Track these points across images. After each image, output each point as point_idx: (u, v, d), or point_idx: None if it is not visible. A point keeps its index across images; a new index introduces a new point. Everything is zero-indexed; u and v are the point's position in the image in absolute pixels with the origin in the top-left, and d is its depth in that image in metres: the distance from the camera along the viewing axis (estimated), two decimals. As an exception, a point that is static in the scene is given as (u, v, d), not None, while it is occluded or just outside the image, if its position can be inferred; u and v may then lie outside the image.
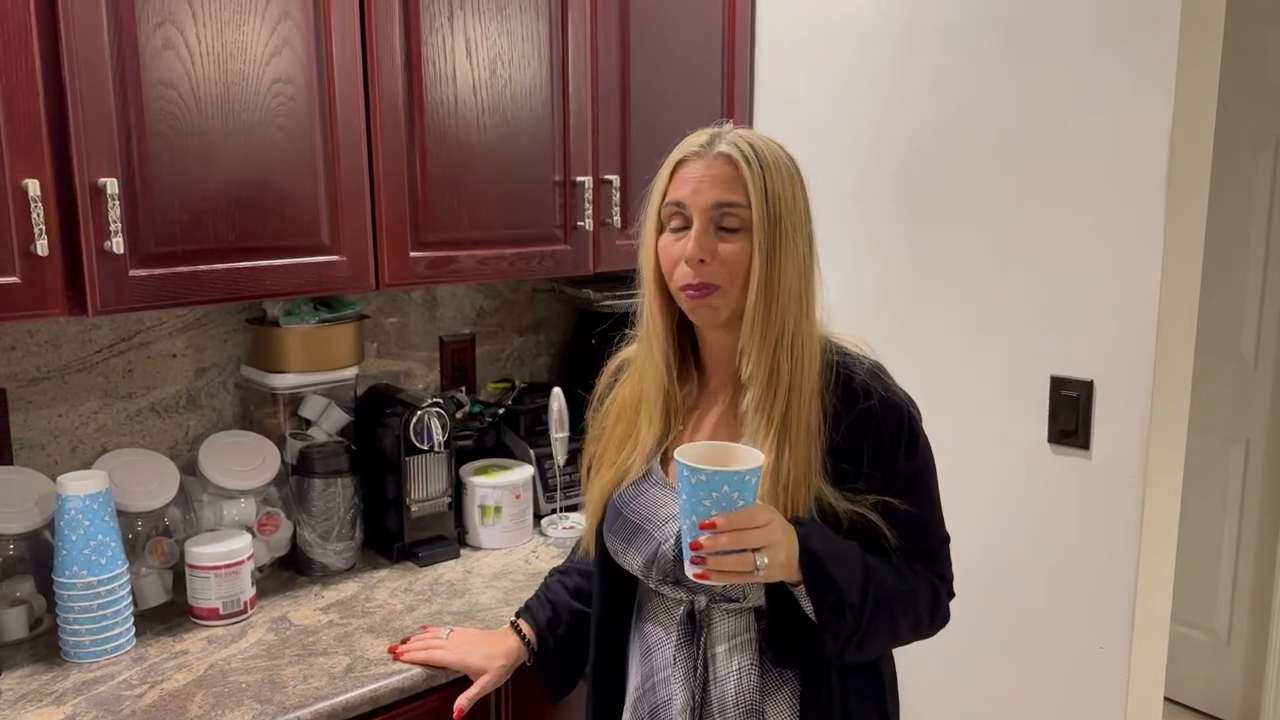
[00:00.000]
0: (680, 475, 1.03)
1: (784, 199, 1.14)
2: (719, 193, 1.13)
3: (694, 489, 1.02)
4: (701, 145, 1.16)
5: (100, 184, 1.30)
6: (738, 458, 1.06)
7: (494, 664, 1.39)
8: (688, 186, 1.15)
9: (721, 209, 1.13)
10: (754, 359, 1.14)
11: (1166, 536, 1.75)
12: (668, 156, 1.20)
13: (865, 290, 2.02)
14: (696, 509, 1.02)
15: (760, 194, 1.12)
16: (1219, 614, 3.05)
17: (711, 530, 1.01)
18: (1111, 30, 1.63)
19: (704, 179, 1.14)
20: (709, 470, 1.01)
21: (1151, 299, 1.62)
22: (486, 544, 1.88)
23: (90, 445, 1.68)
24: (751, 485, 1.03)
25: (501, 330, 2.21)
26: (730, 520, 1.01)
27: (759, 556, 1.03)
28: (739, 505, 1.02)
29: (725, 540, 1.02)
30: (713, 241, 1.14)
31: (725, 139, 1.16)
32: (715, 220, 1.14)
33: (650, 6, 1.95)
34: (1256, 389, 2.90)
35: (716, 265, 1.13)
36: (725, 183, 1.13)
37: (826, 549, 1.09)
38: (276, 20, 1.46)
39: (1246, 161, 2.83)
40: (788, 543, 1.06)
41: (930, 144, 1.90)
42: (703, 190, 1.14)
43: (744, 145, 1.14)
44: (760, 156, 1.14)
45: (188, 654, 1.45)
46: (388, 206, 1.61)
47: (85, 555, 1.41)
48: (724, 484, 1.01)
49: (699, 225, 1.14)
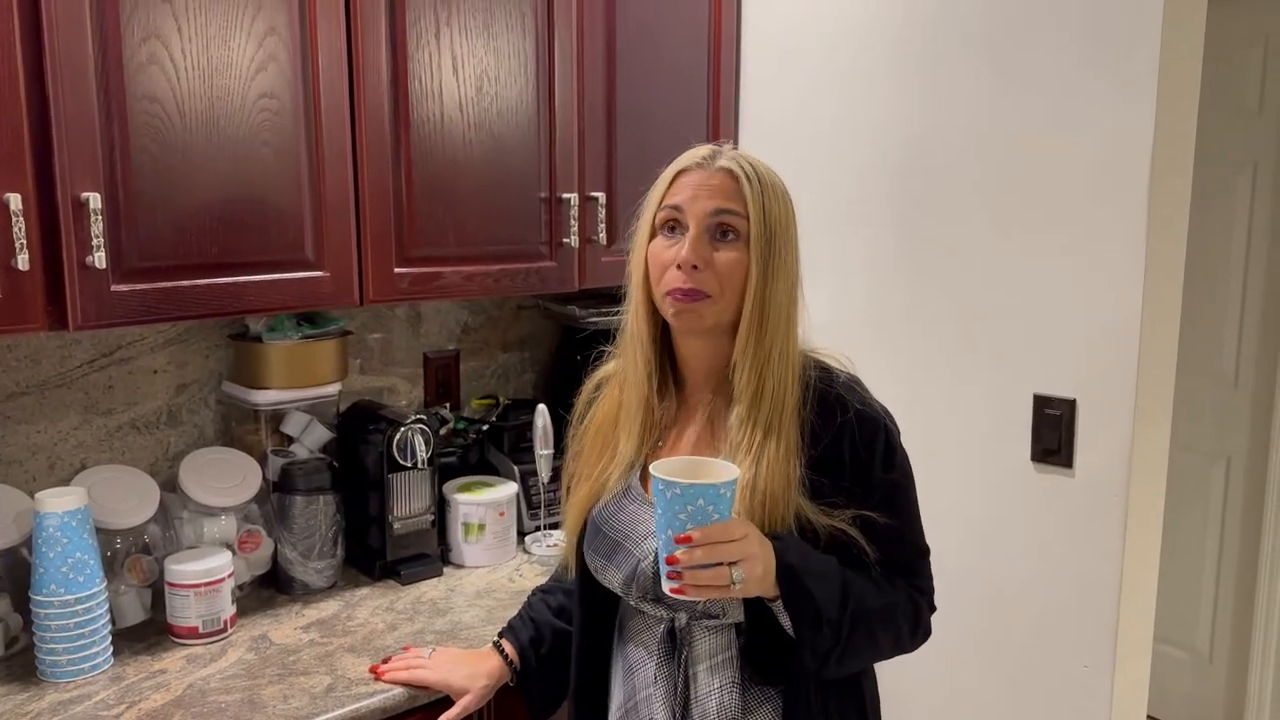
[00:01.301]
0: (656, 489, 1.03)
1: (780, 220, 1.16)
2: (718, 200, 1.15)
3: (669, 503, 1.02)
4: (704, 158, 1.18)
5: (83, 198, 1.29)
6: (713, 471, 1.06)
7: (476, 684, 1.37)
8: (686, 192, 1.16)
9: (719, 216, 1.14)
10: (745, 374, 1.15)
11: (1149, 555, 1.75)
12: (666, 167, 1.21)
13: (849, 308, 2.02)
14: (672, 523, 1.02)
15: (759, 210, 1.15)
16: (1201, 632, 3.06)
17: (687, 545, 1.01)
18: (1094, 50, 1.65)
19: (704, 187, 1.16)
20: (683, 484, 1.01)
21: (1133, 317, 1.63)
22: (470, 562, 1.87)
23: (69, 462, 1.66)
24: (727, 499, 1.03)
25: (486, 347, 2.21)
26: (706, 534, 1.01)
27: (735, 570, 1.02)
28: (714, 519, 1.02)
29: (700, 554, 1.01)
30: (708, 249, 1.14)
31: (726, 155, 1.18)
32: (711, 229, 1.15)
33: (636, 25, 1.96)
34: (1237, 407, 2.92)
35: (709, 273, 1.14)
36: (725, 193, 1.15)
37: (804, 563, 1.09)
38: (262, 36, 1.45)
39: (1225, 182, 2.86)
40: (764, 556, 1.06)
41: (914, 164, 1.91)
42: (701, 197, 1.15)
43: (744, 163, 1.17)
44: (760, 175, 1.17)
45: (166, 673, 1.44)
46: (372, 222, 1.61)
47: (63, 573, 1.40)
48: (699, 497, 1.01)
49: (695, 231, 1.15)
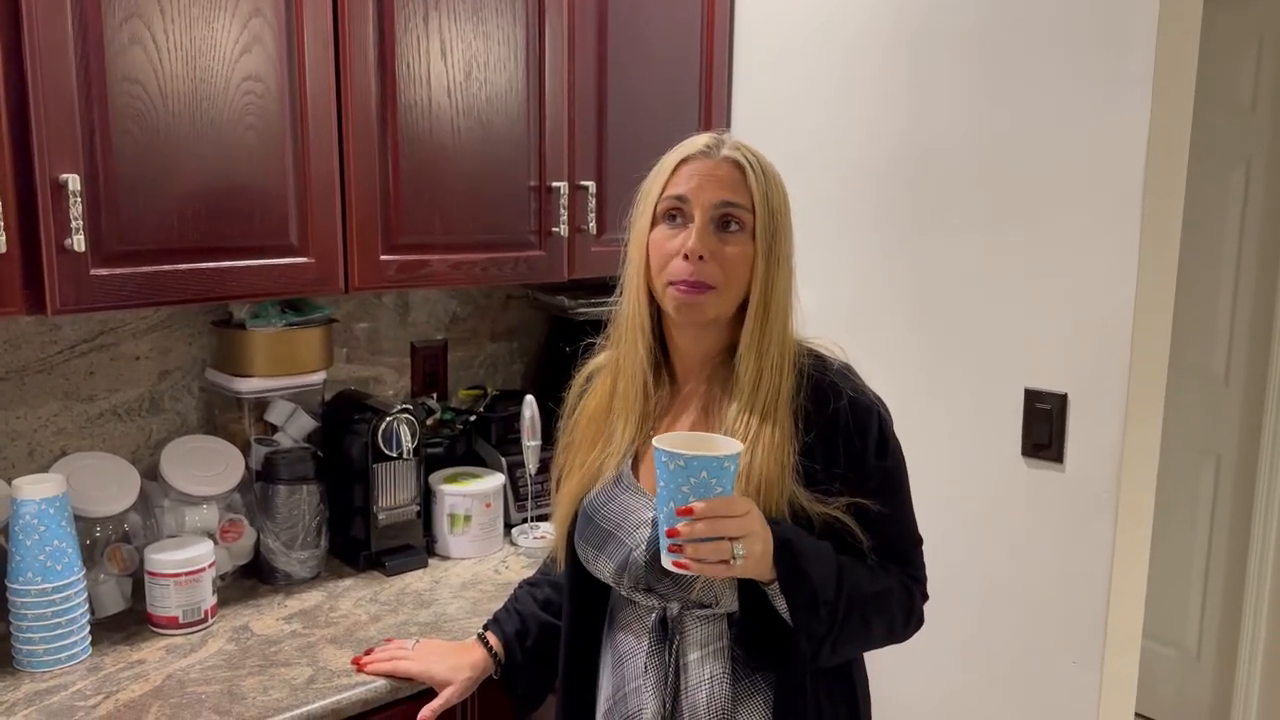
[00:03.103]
0: (658, 462, 1.03)
1: (780, 212, 1.16)
2: (725, 192, 1.14)
3: (672, 475, 1.01)
4: (707, 146, 1.17)
5: (61, 180, 1.27)
6: (716, 445, 1.06)
7: (459, 676, 1.36)
8: (692, 182, 1.15)
9: (725, 208, 1.14)
10: (750, 363, 1.15)
11: (1139, 550, 1.75)
12: (665, 155, 1.19)
13: (841, 302, 2.01)
14: (674, 495, 1.02)
15: (764, 202, 1.14)
16: (1189, 629, 3.06)
17: (689, 517, 1.00)
18: (1088, 48, 1.63)
19: (710, 177, 1.14)
20: (688, 455, 1.01)
21: (1126, 313, 1.62)
22: (455, 553, 1.85)
23: (49, 449, 1.64)
24: (730, 472, 1.03)
25: (475, 336, 2.19)
26: (709, 507, 1.01)
27: (736, 546, 1.02)
28: (717, 492, 1.02)
29: (702, 527, 1.01)
30: (714, 239, 1.14)
31: (729, 144, 1.17)
32: (716, 219, 1.14)
33: (629, 13, 1.94)
34: (1227, 405, 2.92)
35: (714, 264, 1.13)
36: (730, 184, 1.14)
37: (801, 546, 1.09)
38: (247, 17, 1.43)
39: (1219, 178, 2.86)
40: (764, 536, 1.05)
41: (906, 159, 1.90)
42: (708, 187, 1.14)
43: (748, 153, 1.16)
44: (763, 166, 1.16)
45: (145, 663, 1.42)
46: (358, 208, 1.58)
47: (40, 561, 1.38)
48: (702, 469, 1.01)
49: (700, 221, 1.14)
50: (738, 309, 1.17)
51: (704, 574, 1.05)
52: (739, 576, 1.09)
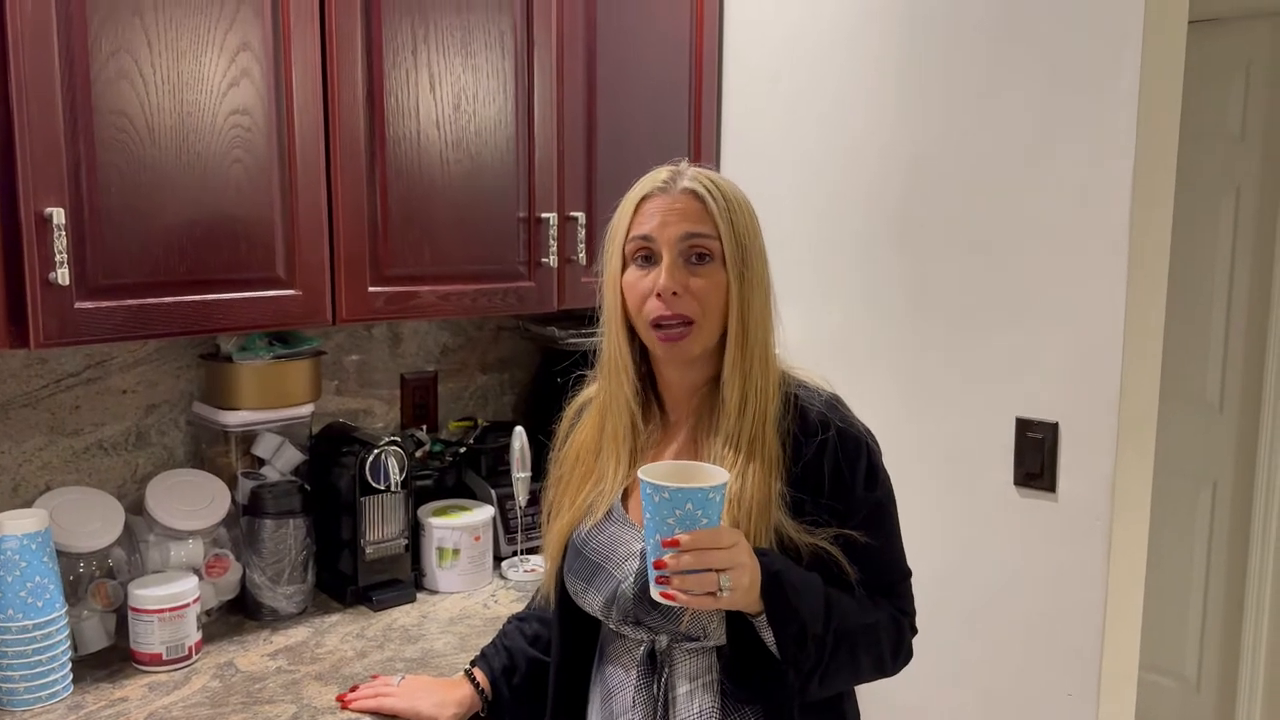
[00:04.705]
0: (644, 494, 1.02)
1: (748, 232, 1.16)
2: (688, 224, 1.14)
3: (658, 507, 1.01)
4: (665, 181, 1.17)
5: (46, 213, 1.26)
6: (702, 475, 1.06)
7: (445, 712, 1.34)
8: (654, 220, 1.15)
9: (690, 239, 1.14)
10: (735, 387, 1.14)
11: (1134, 580, 1.73)
12: (628, 193, 1.20)
13: (830, 329, 2.00)
14: (660, 527, 1.01)
15: (729, 226, 1.14)
16: (1188, 659, 3.03)
17: (676, 549, 1.00)
18: (1074, 76, 1.64)
19: (670, 212, 1.14)
20: (672, 487, 1.00)
21: (1116, 341, 1.62)
22: (444, 588, 1.83)
23: (33, 484, 1.62)
24: (716, 503, 1.02)
25: (465, 368, 2.18)
26: (695, 539, 1.00)
27: (723, 577, 1.01)
28: (703, 524, 1.01)
29: (689, 559, 1.00)
30: (684, 274, 1.14)
31: (687, 175, 1.17)
32: (684, 253, 1.14)
33: (617, 44, 1.95)
34: (1222, 432, 2.91)
35: (689, 298, 1.13)
36: (693, 215, 1.14)
37: (789, 578, 1.08)
38: (235, 51, 1.43)
39: (1209, 206, 2.87)
40: (752, 568, 1.04)
41: (895, 186, 1.90)
42: (670, 223, 1.14)
43: (706, 181, 1.16)
44: (723, 191, 1.16)
45: (127, 701, 1.39)
46: (346, 240, 1.58)
47: (21, 597, 1.36)
48: (687, 501, 1.00)
49: (669, 258, 1.14)
50: (721, 337, 1.17)
51: (692, 606, 1.04)
52: (727, 608, 1.08)
